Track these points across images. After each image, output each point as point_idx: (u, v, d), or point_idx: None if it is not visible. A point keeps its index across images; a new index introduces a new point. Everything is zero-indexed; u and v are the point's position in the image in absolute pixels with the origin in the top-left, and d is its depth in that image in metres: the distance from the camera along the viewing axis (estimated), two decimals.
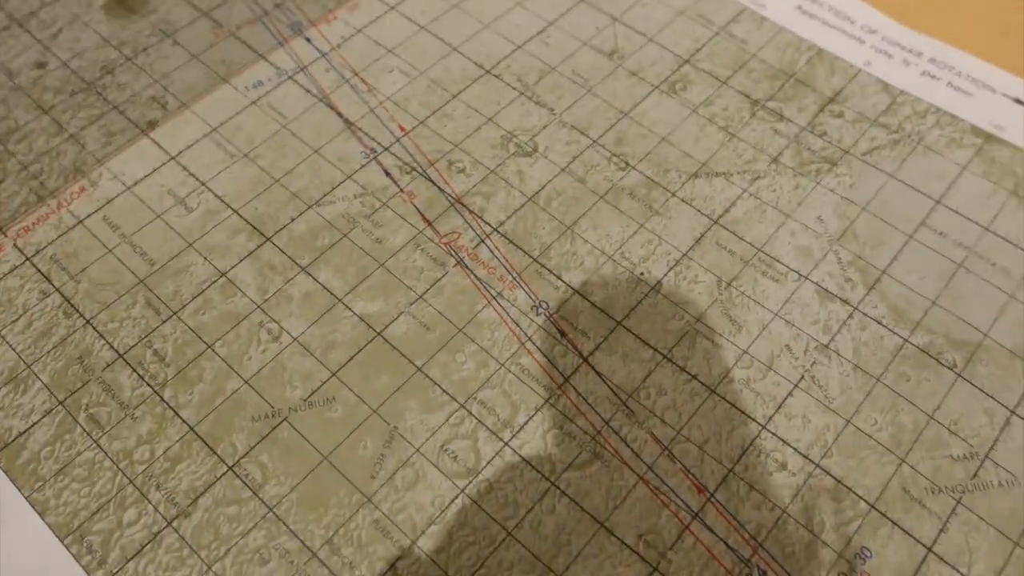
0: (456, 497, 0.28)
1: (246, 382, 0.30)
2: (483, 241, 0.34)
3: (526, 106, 0.38)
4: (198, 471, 0.28)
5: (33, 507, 0.28)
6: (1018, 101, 0.39)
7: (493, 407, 0.30)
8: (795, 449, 0.29)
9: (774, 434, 0.29)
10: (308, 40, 0.40)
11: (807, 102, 0.39)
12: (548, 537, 0.27)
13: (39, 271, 0.32)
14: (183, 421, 0.29)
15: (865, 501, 0.28)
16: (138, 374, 0.30)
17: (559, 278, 0.33)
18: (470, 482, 0.28)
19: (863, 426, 0.30)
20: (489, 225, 0.34)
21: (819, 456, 0.29)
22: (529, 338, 0.31)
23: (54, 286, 0.32)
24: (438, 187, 0.35)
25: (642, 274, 0.33)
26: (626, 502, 0.28)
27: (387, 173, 0.35)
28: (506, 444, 0.29)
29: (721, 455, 0.29)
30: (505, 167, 0.36)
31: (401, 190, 0.35)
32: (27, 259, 0.33)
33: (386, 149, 0.36)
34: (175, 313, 0.32)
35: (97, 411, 0.29)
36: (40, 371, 0.30)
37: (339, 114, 0.37)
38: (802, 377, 0.31)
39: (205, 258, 0.33)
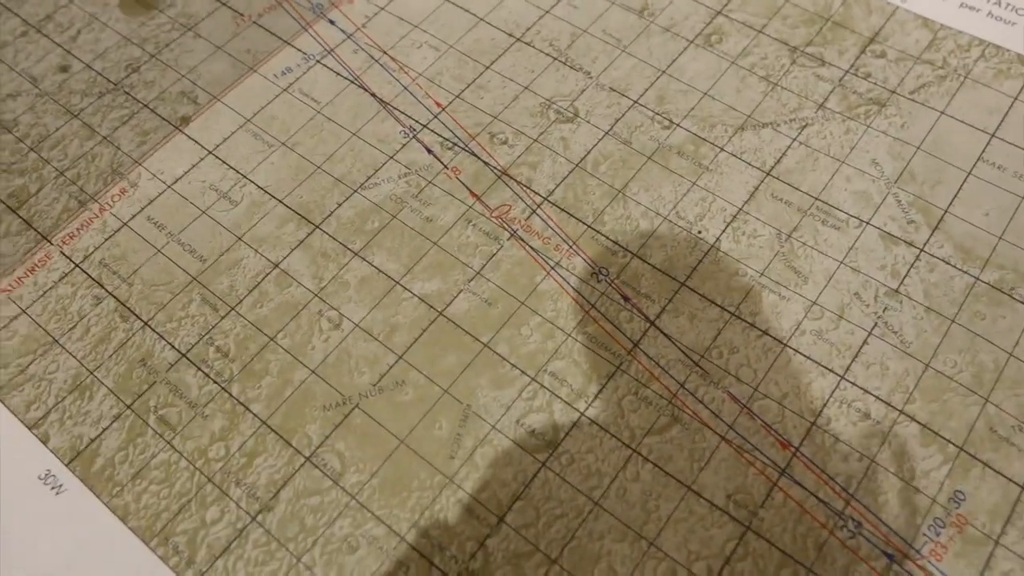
0: (538, 471, 0.28)
1: (313, 372, 0.30)
2: (535, 211, 0.33)
3: (561, 71, 0.37)
4: (276, 464, 0.28)
5: (114, 513, 0.27)
6: None
7: (565, 378, 0.29)
8: (876, 397, 0.29)
9: (853, 383, 0.29)
10: (332, 22, 0.39)
11: (847, 44, 0.38)
12: (636, 504, 0.27)
13: (90, 276, 0.32)
14: (254, 415, 0.29)
15: (953, 444, 0.28)
16: (203, 372, 0.30)
17: (616, 243, 0.32)
18: (551, 455, 0.28)
19: (943, 368, 0.29)
20: (539, 195, 0.34)
21: (902, 402, 0.29)
22: (593, 305, 0.31)
23: (107, 290, 0.32)
24: (482, 161, 0.35)
25: (700, 232, 0.32)
26: (711, 463, 0.28)
27: (429, 150, 0.35)
28: (582, 414, 0.29)
29: (802, 409, 0.29)
30: (548, 135, 0.35)
31: (445, 167, 0.34)
32: (76, 265, 0.32)
33: (425, 126, 0.36)
34: (233, 308, 0.31)
35: (167, 412, 0.29)
36: (104, 376, 0.30)
37: (373, 95, 0.37)
38: (875, 324, 0.30)
39: (256, 250, 0.32)
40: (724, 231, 0.32)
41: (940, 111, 0.35)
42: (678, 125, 0.35)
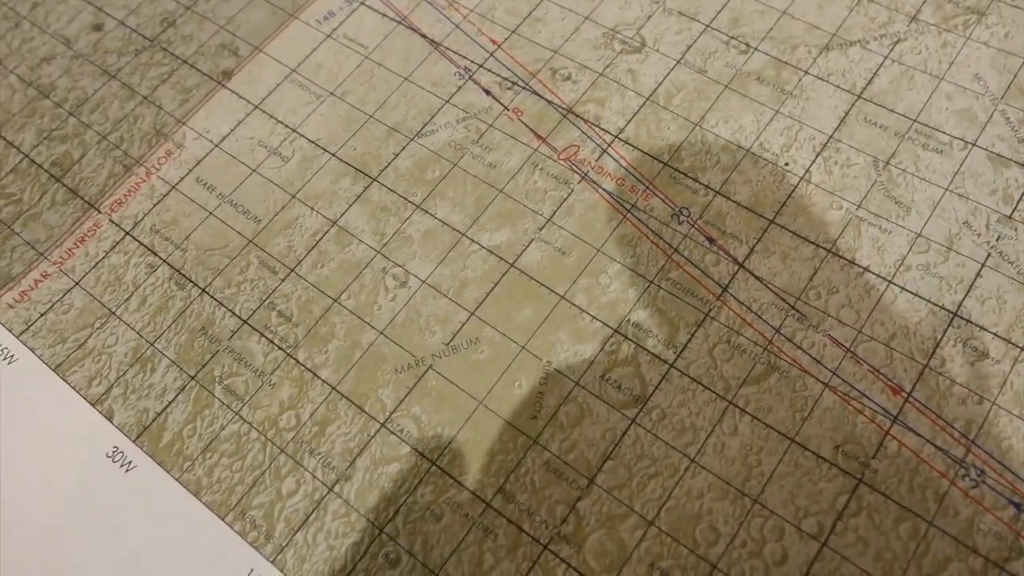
0: (628, 428, 0.26)
1: (381, 333, 0.28)
2: (605, 151, 0.31)
3: None
4: (349, 431, 0.27)
5: (187, 488, 0.26)
6: None
7: (650, 328, 0.28)
8: (994, 334, 0.27)
9: (968, 320, 0.27)
10: None
11: None
12: (735, 459, 0.26)
13: (142, 244, 0.31)
14: (323, 382, 0.28)
15: None
16: (267, 339, 0.29)
17: (696, 180, 0.30)
18: (640, 410, 0.26)
19: None
20: (609, 133, 0.31)
21: (1022, 338, 0.26)
22: (675, 249, 0.29)
23: (161, 258, 0.31)
24: (545, 100, 0.32)
25: (787, 164, 0.30)
26: (814, 413, 0.26)
27: (487, 92, 0.33)
28: (671, 366, 0.27)
29: (912, 350, 0.27)
30: (614, 68, 0.33)
31: (506, 108, 0.32)
32: (127, 233, 0.31)
33: (481, 66, 0.34)
34: (292, 270, 0.30)
35: (232, 382, 0.28)
36: (164, 348, 0.29)
37: (423, 35, 0.35)
38: (988, 255, 0.28)
39: (312, 208, 0.31)
40: (814, 162, 0.30)
41: None
42: (756, 49, 0.33)
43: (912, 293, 0.27)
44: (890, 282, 0.28)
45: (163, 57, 0.35)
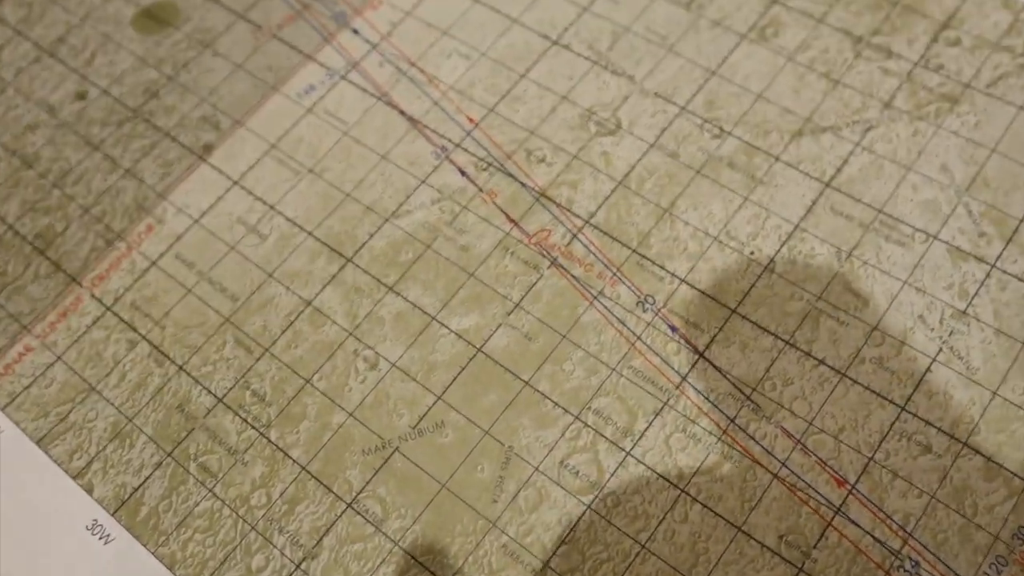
0: (583, 514, 0.33)
1: (351, 415, 0.35)
2: (575, 236, 0.38)
3: (602, 77, 0.42)
4: (317, 511, 0.34)
5: (162, 562, 0.33)
6: None
7: (610, 416, 0.34)
8: (939, 429, 0.33)
9: (915, 415, 0.33)
10: (355, 31, 0.44)
11: (917, 32, 0.41)
12: (684, 546, 0.32)
13: (122, 320, 0.38)
14: (294, 461, 0.35)
15: (1019, 477, 0.32)
16: (241, 417, 0.36)
17: (663, 268, 0.37)
18: (596, 497, 0.33)
19: (1011, 396, 0.33)
20: (580, 218, 0.38)
21: (966, 434, 0.33)
22: (639, 337, 0.36)
23: (140, 334, 0.38)
24: (519, 182, 0.39)
25: (752, 253, 0.37)
26: (762, 502, 0.32)
27: (463, 172, 0.40)
28: (628, 453, 0.34)
29: (859, 443, 0.33)
30: (589, 150, 0.40)
31: (480, 190, 0.39)
32: (107, 309, 0.38)
33: (458, 145, 0.41)
34: (267, 350, 0.37)
35: (207, 459, 0.35)
36: (143, 424, 0.36)
37: (402, 112, 0.42)
38: (940, 349, 0.34)
39: (287, 288, 0.38)
40: (779, 251, 0.37)
41: (1019, 106, 0.39)
42: (729, 133, 0.40)
43: (863, 386, 0.34)
44: (843, 375, 0.34)
45: (145, 129, 0.43)
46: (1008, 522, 0.31)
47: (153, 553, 0.33)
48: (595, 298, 0.36)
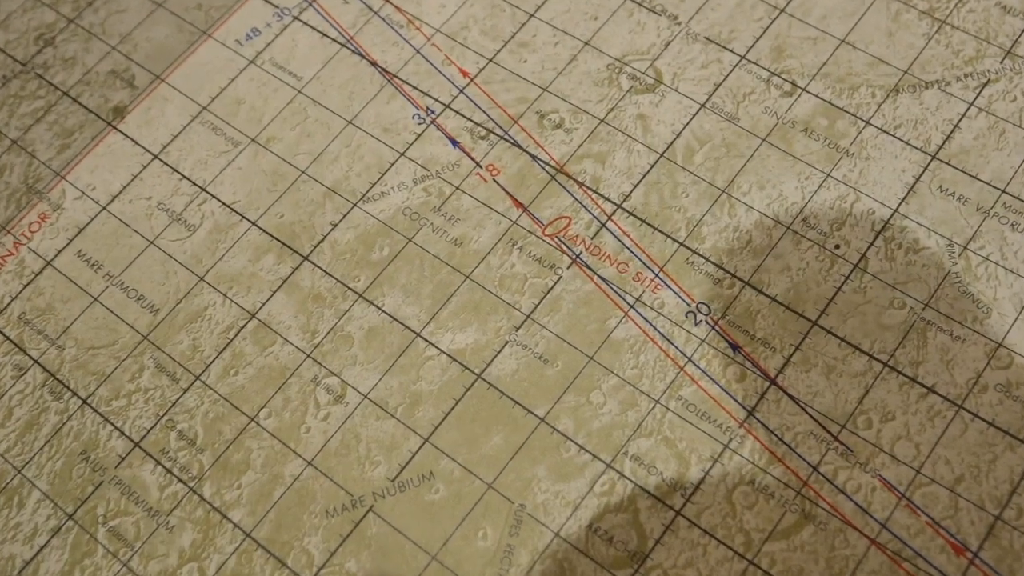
0: None
1: (309, 464, 0.33)
2: (604, 226, 0.36)
3: (636, 16, 0.40)
4: None
5: None
6: None
7: (653, 463, 0.32)
8: None
9: None
10: None
11: None
12: None
13: (8, 339, 0.36)
14: (235, 526, 0.32)
15: None
16: (164, 467, 0.33)
17: (720, 267, 0.35)
18: (635, 571, 0.31)
19: None
20: (610, 201, 0.36)
21: None
22: (689, 359, 0.33)
23: (31, 357, 0.35)
24: (529, 153, 0.37)
25: (838, 247, 0.35)
26: None
27: (454, 142, 0.38)
28: (679, 513, 0.31)
29: (982, 497, 0.31)
30: (620, 112, 0.38)
31: (478, 164, 0.37)
32: None
33: (447, 106, 0.38)
34: (198, 377, 0.34)
35: (120, 523, 0.33)
36: (35, 476, 0.33)
37: (373, 63, 0.39)
38: None
39: (225, 295, 0.36)
40: (873, 243, 0.34)
41: None
42: (804, 89, 0.37)
43: (987, 422, 0.32)
44: (960, 407, 0.32)
45: (39, 87, 0.40)
46: None
47: None
48: (631, 307, 0.34)
